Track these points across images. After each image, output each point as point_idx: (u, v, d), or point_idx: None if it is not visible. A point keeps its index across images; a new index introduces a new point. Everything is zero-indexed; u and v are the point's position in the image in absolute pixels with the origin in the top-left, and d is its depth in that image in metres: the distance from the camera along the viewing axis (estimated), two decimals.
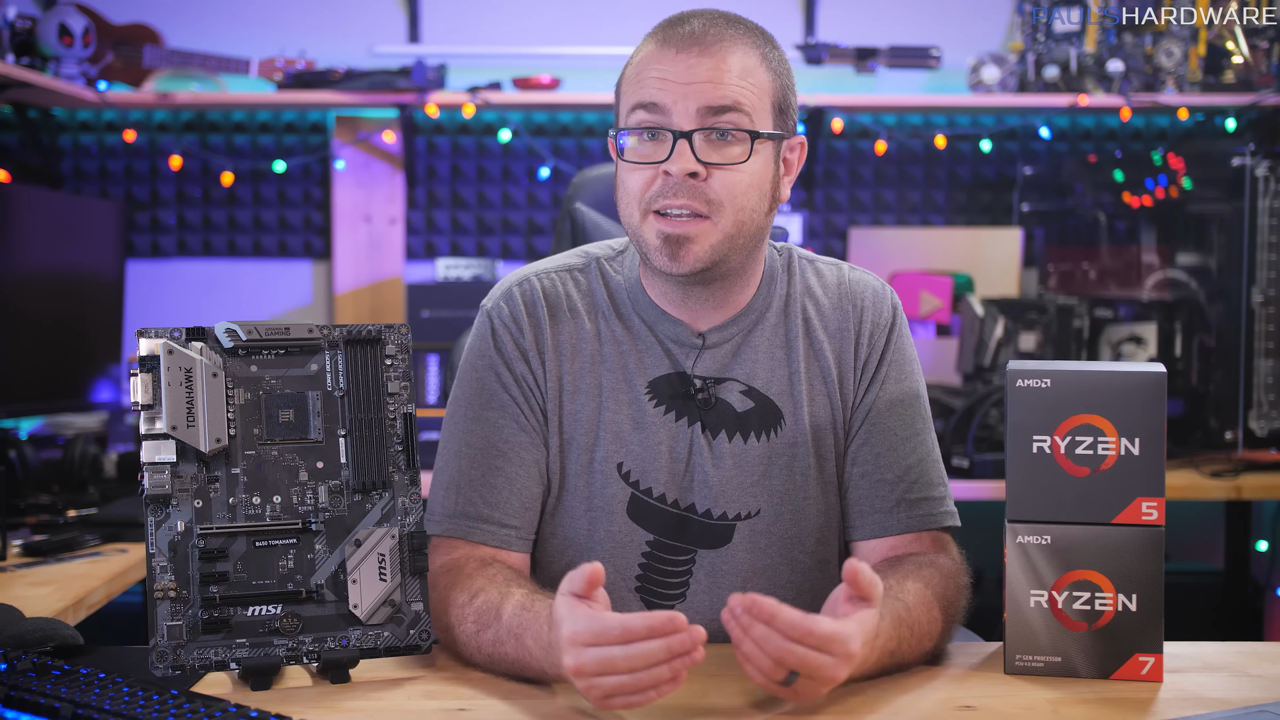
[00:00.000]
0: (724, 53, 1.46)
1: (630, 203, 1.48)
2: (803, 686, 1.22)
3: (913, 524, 1.52)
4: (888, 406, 1.55)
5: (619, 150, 1.49)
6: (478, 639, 1.38)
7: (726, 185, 1.45)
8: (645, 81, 1.47)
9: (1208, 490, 3.00)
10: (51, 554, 2.18)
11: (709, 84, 1.44)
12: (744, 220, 1.47)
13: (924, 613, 1.39)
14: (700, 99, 1.44)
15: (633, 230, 1.50)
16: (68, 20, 3.21)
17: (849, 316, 1.58)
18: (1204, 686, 1.35)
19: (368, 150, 3.66)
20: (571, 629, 1.20)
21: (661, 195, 1.45)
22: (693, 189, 1.44)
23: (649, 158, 1.46)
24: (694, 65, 1.45)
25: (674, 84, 1.45)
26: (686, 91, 1.44)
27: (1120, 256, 3.43)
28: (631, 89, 1.49)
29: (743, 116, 1.45)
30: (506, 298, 1.58)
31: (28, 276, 2.88)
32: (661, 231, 1.45)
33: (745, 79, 1.46)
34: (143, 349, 1.34)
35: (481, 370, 1.56)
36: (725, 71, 1.45)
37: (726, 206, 1.45)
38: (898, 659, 1.35)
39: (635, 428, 1.53)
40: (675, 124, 1.44)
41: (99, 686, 1.23)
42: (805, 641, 1.20)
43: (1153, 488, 1.35)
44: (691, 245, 1.45)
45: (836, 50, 3.48)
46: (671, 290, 1.54)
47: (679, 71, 1.45)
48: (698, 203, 1.44)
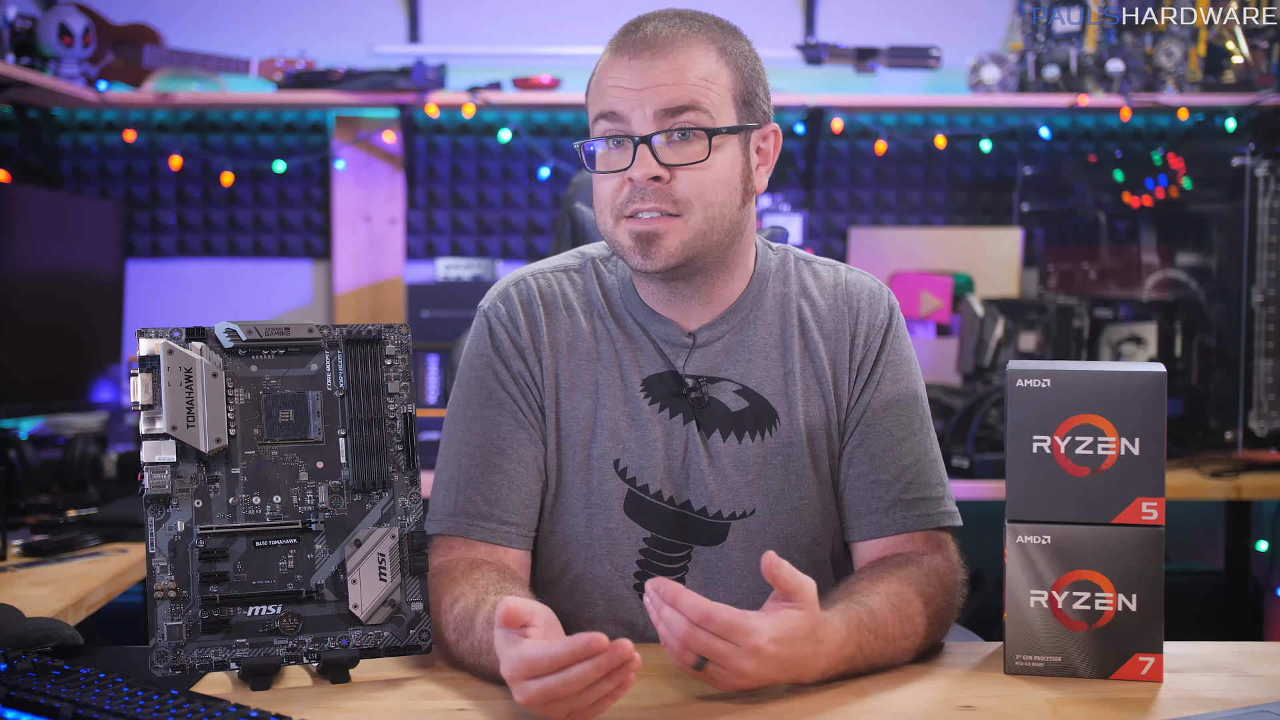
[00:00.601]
0: (676, 53, 1.47)
1: (603, 210, 1.51)
2: (714, 673, 1.24)
3: (909, 524, 1.52)
4: (884, 407, 1.56)
5: (588, 160, 1.51)
6: (458, 648, 1.38)
7: (692, 184, 1.46)
8: (604, 91, 1.49)
9: (1208, 490, 3.00)
10: (51, 554, 2.18)
11: (663, 87, 1.45)
12: (715, 215, 1.48)
13: (893, 614, 1.38)
14: (655, 102, 1.45)
15: (608, 236, 1.52)
16: (68, 20, 3.21)
17: (845, 318, 1.58)
18: (1204, 686, 1.35)
19: (368, 150, 3.66)
20: (508, 668, 1.21)
21: (630, 200, 1.47)
22: (659, 191, 1.46)
23: (615, 165, 1.48)
24: (648, 69, 1.46)
25: (629, 90, 1.46)
26: (641, 97, 1.46)
27: (1120, 256, 3.43)
28: (594, 99, 1.51)
29: (701, 115, 1.46)
30: (503, 297, 1.59)
31: (28, 276, 2.88)
32: (632, 231, 1.47)
33: (701, 77, 1.47)
34: (143, 349, 1.34)
35: (479, 369, 1.56)
36: (679, 72, 1.46)
37: (695, 204, 1.46)
38: (859, 663, 1.35)
39: (631, 425, 1.54)
40: (634, 130, 1.46)
41: (99, 686, 1.23)
42: (705, 627, 1.22)
43: (1153, 488, 1.35)
44: (662, 242, 1.46)
45: (836, 50, 3.48)
46: (658, 290, 1.55)
47: (633, 77, 1.46)
48: (665, 204, 1.46)
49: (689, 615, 1.22)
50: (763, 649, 1.24)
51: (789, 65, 3.50)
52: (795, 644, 1.26)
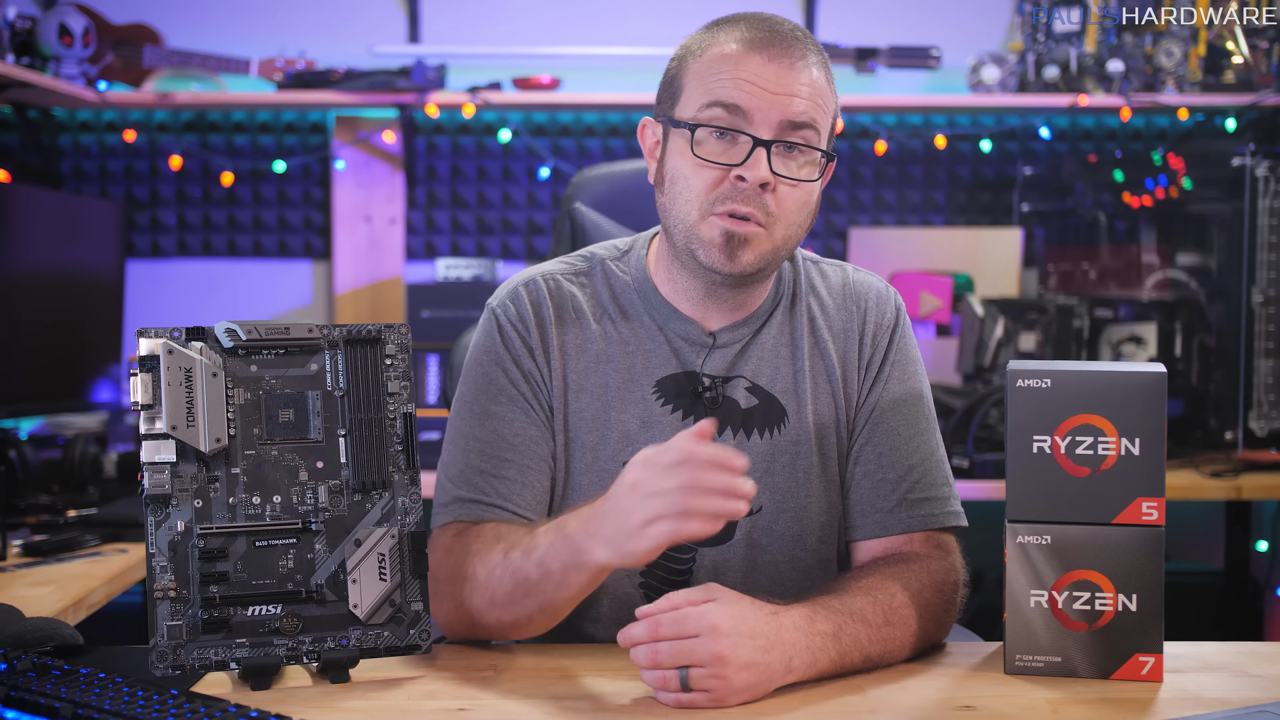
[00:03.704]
0: (808, 66, 1.46)
1: (690, 198, 1.47)
2: (696, 679, 1.25)
3: (914, 524, 1.52)
4: (891, 406, 1.56)
5: (692, 143, 1.46)
6: (506, 560, 1.40)
7: (787, 199, 1.46)
8: (732, 81, 1.45)
9: (1208, 490, 3.00)
10: (51, 554, 2.18)
11: (795, 97, 1.44)
12: (791, 235, 1.48)
13: (868, 599, 1.39)
14: (784, 111, 1.44)
15: (685, 225, 1.48)
16: (68, 20, 3.21)
17: (853, 317, 1.58)
18: (1204, 686, 1.35)
19: (368, 150, 3.66)
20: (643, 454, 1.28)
21: (730, 198, 1.45)
22: (759, 198, 1.44)
23: (725, 159, 1.45)
24: (783, 75, 1.44)
25: (761, 90, 1.44)
26: (774, 101, 1.44)
27: (1120, 256, 3.43)
28: (707, 83, 1.46)
29: (815, 134, 1.46)
30: (513, 297, 1.58)
31: (28, 276, 2.88)
32: (726, 230, 1.45)
33: (820, 96, 1.47)
34: (143, 349, 1.34)
35: (488, 366, 1.56)
36: (812, 86, 1.46)
37: (781, 220, 1.46)
38: (846, 644, 1.35)
39: (643, 427, 1.53)
40: (755, 130, 1.44)
41: (99, 686, 1.23)
42: (658, 633, 1.26)
43: (1153, 488, 1.35)
44: (749, 247, 1.45)
45: (836, 50, 3.48)
46: (694, 288, 1.54)
47: (767, 78, 1.44)
48: (760, 212, 1.45)
49: (641, 631, 1.27)
50: (718, 624, 1.25)
51: None
52: (747, 618, 1.27)
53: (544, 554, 1.37)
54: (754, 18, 1.49)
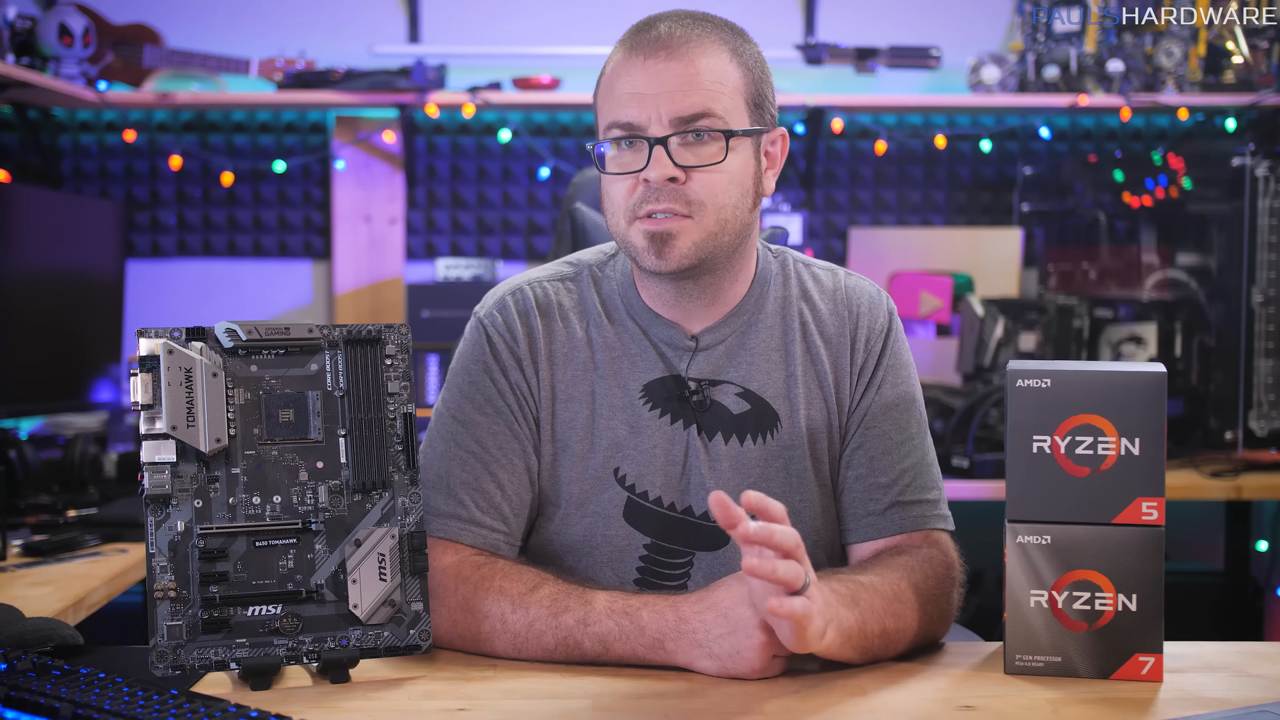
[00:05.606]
0: (691, 56, 1.46)
1: (615, 211, 1.50)
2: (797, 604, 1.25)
3: (906, 525, 1.53)
4: (883, 411, 1.56)
5: (599, 161, 1.50)
6: (555, 622, 1.39)
7: (706, 185, 1.46)
8: (617, 95, 1.48)
9: (1208, 490, 3.00)
10: (51, 554, 2.18)
11: (679, 91, 1.45)
12: (726, 218, 1.48)
13: (879, 579, 1.40)
14: (671, 107, 1.45)
15: (620, 237, 1.51)
16: (68, 20, 3.21)
17: (845, 322, 1.58)
18: (1204, 686, 1.35)
19: (368, 150, 3.66)
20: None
21: (644, 201, 1.46)
22: (674, 192, 1.45)
23: (628, 166, 1.47)
24: (662, 72, 1.46)
25: (645, 95, 1.46)
26: (658, 101, 1.45)
27: (1120, 256, 3.43)
28: (605, 102, 1.50)
29: (715, 119, 1.46)
30: (500, 306, 1.58)
31: (28, 276, 2.88)
32: (647, 232, 1.47)
33: (715, 80, 1.47)
34: (143, 349, 1.34)
35: (476, 375, 1.56)
36: (694, 75, 1.46)
37: (708, 205, 1.46)
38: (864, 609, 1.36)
39: (631, 433, 1.54)
40: (650, 132, 1.46)
41: (99, 686, 1.23)
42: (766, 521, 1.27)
43: (1153, 488, 1.35)
44: (676, 241, 1.46)
45: (836, 50, 3.48)
46: (664, 291, 1.55)
47: (649, 81, 1.46)
48: (679, 204, 1.46)
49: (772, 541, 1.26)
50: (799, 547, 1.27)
51: (789, 65, 3.50)
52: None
53: (608, 635, 1.37)
54: (641, 23, 1.51)
